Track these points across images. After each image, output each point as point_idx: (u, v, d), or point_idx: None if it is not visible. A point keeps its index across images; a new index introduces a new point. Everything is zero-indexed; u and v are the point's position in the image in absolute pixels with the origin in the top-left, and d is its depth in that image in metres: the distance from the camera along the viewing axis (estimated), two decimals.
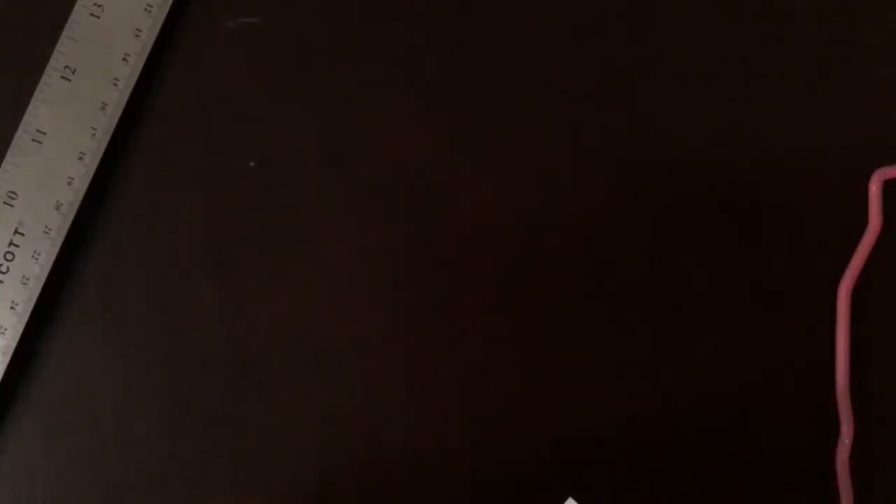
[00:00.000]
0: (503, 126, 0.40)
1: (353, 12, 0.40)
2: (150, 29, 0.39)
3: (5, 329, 0.38)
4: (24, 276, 0.38)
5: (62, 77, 0.38)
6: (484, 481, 0.39)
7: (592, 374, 0.39)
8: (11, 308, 0.38)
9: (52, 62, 0.38)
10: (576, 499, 0.39)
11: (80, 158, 0.38)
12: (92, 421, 0.39)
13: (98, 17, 0.38)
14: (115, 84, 0.38)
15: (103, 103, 0.38)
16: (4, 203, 0.38)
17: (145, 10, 0.39)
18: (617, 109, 0.40)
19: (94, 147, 0.38)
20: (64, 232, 0.38)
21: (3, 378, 0.38)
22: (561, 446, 0.39)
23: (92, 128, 0.38)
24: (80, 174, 0.38)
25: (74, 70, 0.38)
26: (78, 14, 0.38)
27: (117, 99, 0.38)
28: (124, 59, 0.38)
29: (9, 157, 0.38)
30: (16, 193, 0.38)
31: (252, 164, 0.40)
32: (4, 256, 0.38)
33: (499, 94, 0.40)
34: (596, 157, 0.40)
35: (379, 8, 0.40)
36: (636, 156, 0.40)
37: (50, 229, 0.38)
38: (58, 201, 0.38)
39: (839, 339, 0.39)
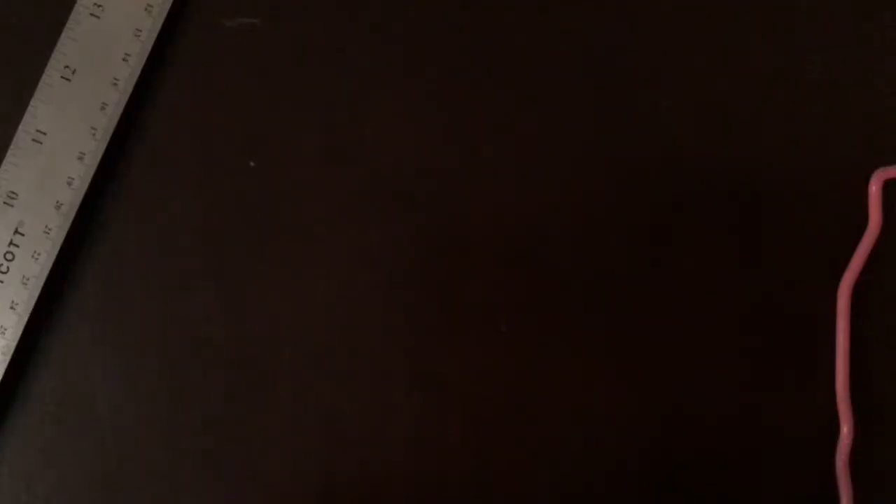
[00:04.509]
0: (503, 126, 0.40)
1: (353, 12, 0.40)
2: (150, 29, 0.39)
3: (5, 329, 0.38)
4: (24, 276, 0.38)
5: (62, 77, 0.38)
6: (484, 481, 0.39)
7: (592, 374, 0.39)
8: (11, 308, 0.38)
9: (52, 62, 0.38)
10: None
11: (80, 158, 0.38)
12: (92, 421, 0.39)
13: (98, 17, 0.38)
14: (115, 84, 0.38)
15: (103, 103, 0.38)
16: (4, 203, 0.38)
17: (145, 10, 0.39)
18: (616, 110, 0.40)
19: (94, 147, 0.38)
20: (64, 232, 0.38)
21: (3, 378, 0.38)
22: (561, 446, 0.39)
23: (92, 128, 0.38)
24: (80, 174, 0.38)
25: (74, 70, 0.38)
26: (78, 14, 0.38)
27: (117, 99, 0.38)
28: (124, 59, 0.38)
29: (9, 157, 0.38)
30: (16, 193, 0.38)
31: (252, 164, 0.40)
32: (4, 256, 0.38)
33: (499, 94, 0.40)
34: (596, 157, 0.40)
35: (378, 8, 0.40)
36: (636, 156, 0.40)
37: (50, 229, 0.38)
38: (58, 201, 0.38)
39: (839, 339, 0.39)
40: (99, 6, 0.38)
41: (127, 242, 0.39)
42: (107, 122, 0.38)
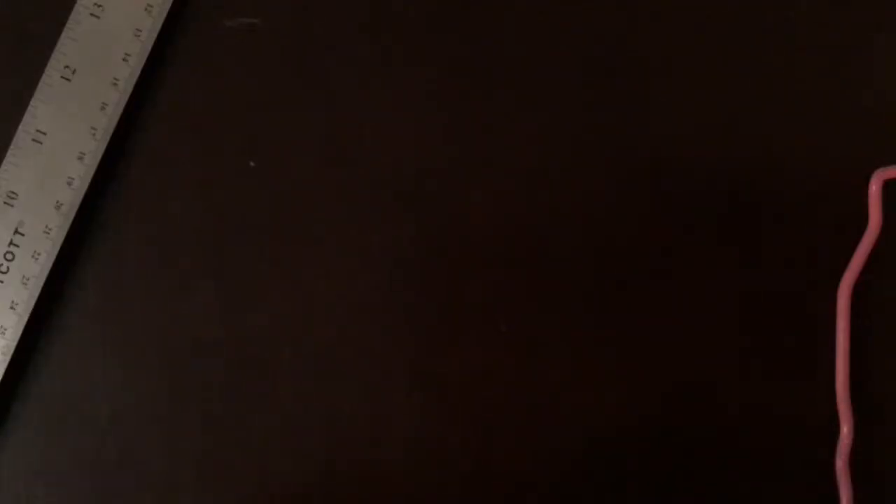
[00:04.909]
0: (503, 126, 0.40)
1: (353, 12, 0.40)
2: (150, 29, 0.39)
3: (5, 329, 0.38)
4: (24, 276, 0.38)
5: (62, 77, 0.38)
6: (484, 481, 0.39)
7: (592, 374, 0.39)
8: (11, 308, 0.38)
9: (52, 62, 0.38)
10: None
11: (80, 158, 0.38)
12: (92, 421, 0.39)
13: (98, 17, 0.38)
14: (115, 84, 0.38)
15: (103, 103, 0.38)
16: (4, 203, 0.38)
17: (145, 10, 0.39)
18: (616, 110, 0.40)
19: (94, 147, 0.38)
20: (64, 232, 0.38)
21: (3, 378, 0.38)
22: (561, 446, 0.39)
23: (92, 128, 0.38)
24: (80, 174, 0.38)
25: (74, 70, 0.38)
26: (78, 14, 0.38)
27: (117, 99, 0.38)
28: (124, 59, 0.38)
29: (9, 157, 0.38)
30: (16, 193, 0.38)
31: (252, 164, 0.40)
32: (4, 256, 0.38)
33: (499, 94, 0.40)
34: (596, 157, 0.40)
35: (379, 8, 0.40)
36: (636, 156, 0.40)
37: (50, 229, 0.38)
38: (58, 201, 0.38)
39: (839, 339, 0.39)
40: (99, 6, 0.38)
41: (127, 242, 0.39)
42: (107, 122, 0.38)
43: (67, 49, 0.38)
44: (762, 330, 0.40)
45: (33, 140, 0.38)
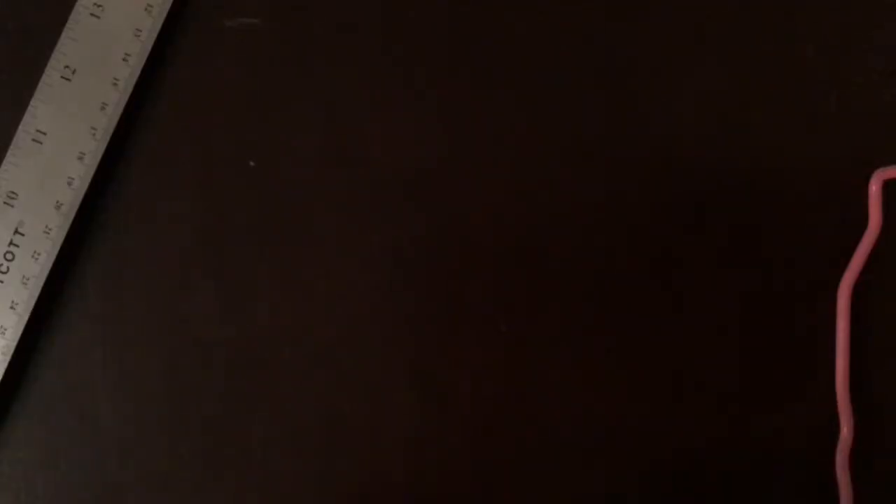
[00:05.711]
0: (502, 126, 0.40)
1: (353, 12, 0.40)
2: (150, 29, 0.39)
3: (5, 329, 0.38)
4: (24, 276, 0.38)
5: (62, 77, 0.38)
6: (484, 481, 0.39)
7: (592, 374, 0.39)
8: (11, 308, 0.38)
9: (52, 62, 0.38)
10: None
11: (80, 158, 0.38)
12: (92, 421, 0.39)
13: (98, 17, 0.38)
14: (115, 84, 0.38)
15: (103, 103, 0.38)
16: (4, 203, 0.38)
17: (145, 10, 0.39)
18: (616, 110, 0.40)
19: (94, 147, 0.38)
20: (64, 232, 0.38)
21: (3, 378, 0.38)
22: (561, 446, 0.39)
23: (92, 128, 0.38)
24: (80, 174, 0.38)
25: (74, 70, 0.38)
26: (78, 14, 0.38)
27: (117, 99, 0.38)
28: (124, 59, 0.38)
29: (9, 157, 0.38)
30: (16, 193, 0.38)
31: (252, 164, 0.40)
32: (4, 256, 0.38)
33: (499, 94, 0.40)
34: (596, 157, 0.40)
35: (378, 8, 0.40)
36: (636, 156, 0.40)
37: (50, 229, 0.38)
38: (58, 201, 0.38)
39: (839, 339, 0.39)
40: (99, 6, 0.38)
41: (127, 242, 0.39)
42: (107, 122, 0.38)
43: (67, 49, 0.38)
44: (762, 330, 0.40)
45: (33, 140, 0.38)
